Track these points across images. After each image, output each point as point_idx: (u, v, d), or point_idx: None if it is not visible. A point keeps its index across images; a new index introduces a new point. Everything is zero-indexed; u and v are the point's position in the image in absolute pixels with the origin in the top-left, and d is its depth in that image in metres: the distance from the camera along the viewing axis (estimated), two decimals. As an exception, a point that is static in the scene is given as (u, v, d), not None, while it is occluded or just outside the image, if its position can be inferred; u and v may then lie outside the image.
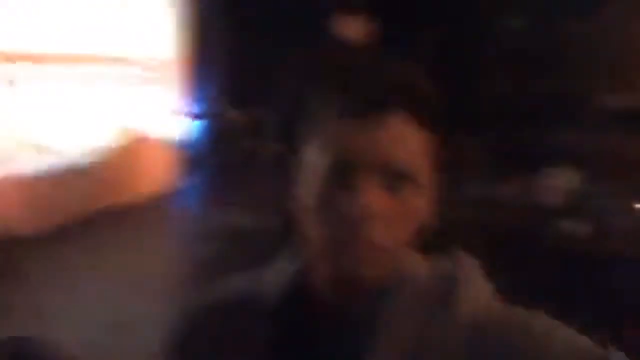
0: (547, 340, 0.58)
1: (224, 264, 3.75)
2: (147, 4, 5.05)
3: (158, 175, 5.31)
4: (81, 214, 4.18)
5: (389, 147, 0.60)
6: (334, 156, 0.60)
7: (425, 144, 0.62)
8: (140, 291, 3.22)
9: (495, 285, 0.65)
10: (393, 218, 0.61)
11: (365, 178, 0.59)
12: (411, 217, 0.63)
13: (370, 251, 0.60)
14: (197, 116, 6.13)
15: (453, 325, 0.61)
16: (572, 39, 6.46)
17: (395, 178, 0.60)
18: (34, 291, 2.66)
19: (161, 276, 3.55)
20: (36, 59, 4.00)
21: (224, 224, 4.48)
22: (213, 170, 5.61)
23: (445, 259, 0.66)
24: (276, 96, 0.67)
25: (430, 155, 0.63)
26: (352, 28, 3.51)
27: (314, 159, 0.62)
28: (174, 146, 5.47)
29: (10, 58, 3.80)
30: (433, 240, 0.67)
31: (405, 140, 0.61)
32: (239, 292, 0.72)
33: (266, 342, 0.66)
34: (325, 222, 0.61)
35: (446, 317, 0.61)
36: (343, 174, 0.60)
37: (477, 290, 0.64)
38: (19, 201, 3.75)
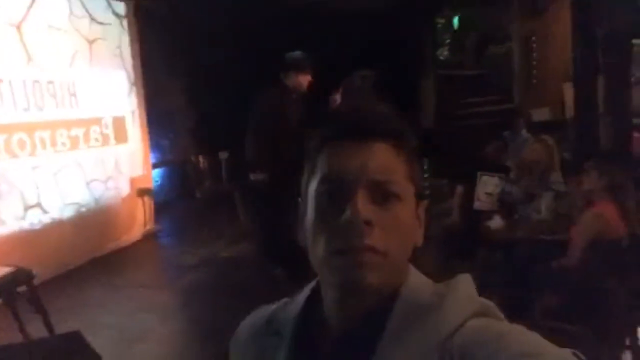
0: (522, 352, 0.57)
1: (208, 289, 4.21)
2: (100, 65, 5.49)
3: (139, 220, 5.71)
4: (82, 258, 4.68)
5: (374, 167, 0.67)
6: (329, 176, 0.67)
7: (405, 167, 0.69)
8: (146, 312, 3.75)
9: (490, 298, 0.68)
10: (385, 227, 0.65)
11: (356, 192, 0.65)
12: (402, 230, 0.67)
13: (370, 256, 0.64)
14: (163, 164, 6.56)
15: (434, 340, 0.62)
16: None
17: (382, 194, 0.66)
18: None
19: (160, 301, 4.06)
20: (25, 128, 4.42)
21: (202, 255, 4.93)
22: (184, 210, 6.03)
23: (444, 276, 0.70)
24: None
25: (410, 177, 0.70)
26: (298, 80, 4.20)
27: (313, 188, 0.69)
28: (147, 194, 5.84)
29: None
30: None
31: (388, 163, 0.68)
32: (266, 316, 0.79)
33: (286, 356, 0.72)
34: (326, 234, 0.66)
35: (431, 331, 0.63)
36: (337, 191, 0.66)
37: (461, 306, 0.65)
38: (40, 249, 4.23)
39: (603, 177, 3.09)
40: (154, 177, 6.30)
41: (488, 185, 4.43)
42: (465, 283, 0.68)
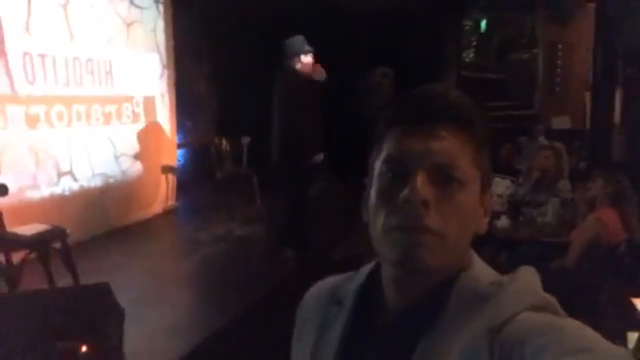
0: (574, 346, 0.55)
1: (219, 263, 4.46)
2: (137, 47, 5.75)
3: (161, 196, 5.99)
4: (107, 225, 5.00)
5: (438, 150, 0.66)
6: (393, 156, 0.68)
7: (471, 153, 0.68)
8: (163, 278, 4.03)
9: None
10: (444, 210, 0.65)
11: (417, 173, 0.65)
12: (462, 215, 0.67)
13: (427, 236, 0.64)
14: (187, 145, 6.81)
15: (486, 328, 0.61)
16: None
17: (444, 178, 0.66)
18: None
19: (178, 271, 4.37)
20: (60, 100, 4.69)
21: (216, 233, 5.18)
22: (203, 190, 6.27)
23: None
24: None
25: (475, 163, 0.68)
26: (310, 66, 4.38)
27: (378, 169, 0.70)
28: (171, 171, 6.10)
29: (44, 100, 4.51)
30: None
31: (453, 148, 0.67)
32: (331, 287, 0.81)
33: (343, 330, 0.74)
34: (385, 211, 0.67)
35: (484, 319, 0.62)
36: (399, 171, 0.67)
37: (517, 298, 0.64)
38: (69, 214, 4.52)
39: (609, 185, 3.23)
40: (178, 156, 6.55)
41: (499, 187, 4.59)
42: (526, 275, 0.68)
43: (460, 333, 0.63)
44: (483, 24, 11.00)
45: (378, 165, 0.70)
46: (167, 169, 6.04)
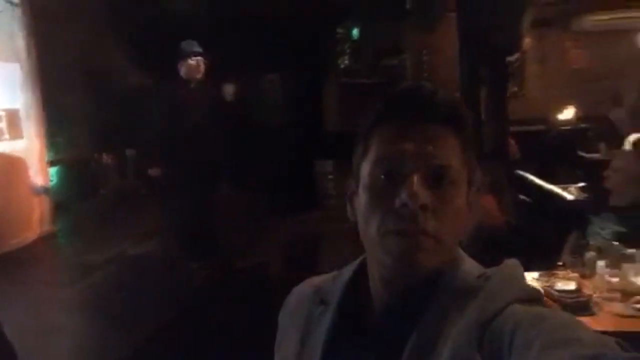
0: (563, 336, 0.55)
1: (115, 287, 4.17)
2: None
3: (35, 219, 5.42)
4: None
5: (433, 151, 0.65)
6: (386, 157, 0.66)
7: (461, 152, 0.67)
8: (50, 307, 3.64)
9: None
10: (439, 212, 0.65)
11: (413, 175, 0.64)
12: (455, 215, 0.67)
13: (424, 239, 0.64)
14: (61, 162, 6.27)
15: (474, 322, 0.61)
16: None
17: (438, 178, 0.65)
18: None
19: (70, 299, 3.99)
20: None
21: (108, 254, 4.84)
22: (86, 209, 5.82)
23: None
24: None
25: (465, 162, 0.68)
26: (192, 67, 4.31)
27: (367, 168, 0.68)
28: (44, 192, 5.58)
29: None
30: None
31: (446, 147, 0.66)
32: (315, 286, 0.81)
33: (329, 329, 0.73)
34: (380, 215, 0.65)
35: (471, 313, 0.62)
36: (393, 173, 0.65)
37: (504, 291, 0.64)
38: None
39: (486, 174, 3.58)
40: (51, 175, 6.00)
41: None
42: (511, 268, 0.68)
43: (450, 328, 0.63)
44: (355, 31, 11.57)
45: (366, 165, 0.68)
46: (38, 190, 5.50)
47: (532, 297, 0.65)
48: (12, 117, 5.32)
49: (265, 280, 4.11)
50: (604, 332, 0.64)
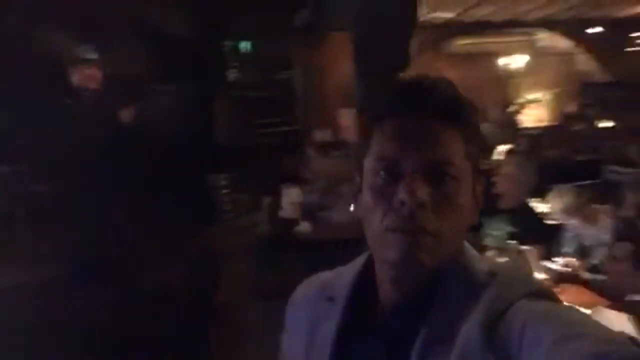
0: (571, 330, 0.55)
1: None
2: None
3: None
4: None
5: (433, 147, 0.65)
6: (386, 154, 0.66)
7: (463, 146, 0.66)
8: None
9: None
10: (439, 209, 0.64)
11: (412, 172, 0.64)
12: (456, 211, 0.66)
13: (423, 237, 0.64)
14: None
15: (482, 318, 0.61)
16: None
17: (438, 175, 0.65)
18: None
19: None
20: None
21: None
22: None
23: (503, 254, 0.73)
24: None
25: (466, 156, 0.67)
26: (85, 74, 4.09)
27: (369, 165, 0.68)
28: None
29: None
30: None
31: (447, 143, 0.65)
32: (321, 283, 0.82)
33: (338, 326, 0.73)
34: (381, 211, 0.65)
35: (479, 309, 0.62)
36: (393, 170, 0.65)
37: (512, 286, 0.64)
38: None
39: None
40: None
41: (291, 196, 4.96)
42: (519, 262, 0.70)
43: (459, 325, 0.63)
44: (243, 45, 11.60)
45: (368, 162, 0.69)
46: None
47: (541, 292, 0.66)
48: None
49: (171, 297, 3.95)
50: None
